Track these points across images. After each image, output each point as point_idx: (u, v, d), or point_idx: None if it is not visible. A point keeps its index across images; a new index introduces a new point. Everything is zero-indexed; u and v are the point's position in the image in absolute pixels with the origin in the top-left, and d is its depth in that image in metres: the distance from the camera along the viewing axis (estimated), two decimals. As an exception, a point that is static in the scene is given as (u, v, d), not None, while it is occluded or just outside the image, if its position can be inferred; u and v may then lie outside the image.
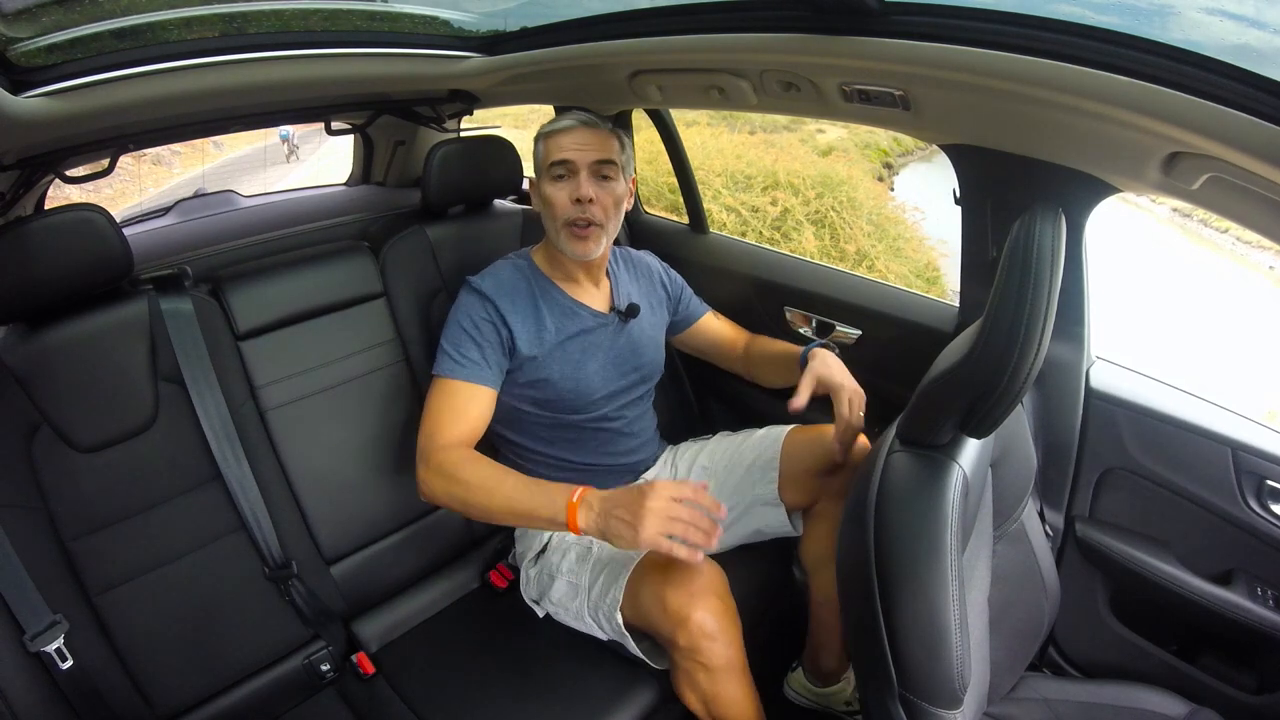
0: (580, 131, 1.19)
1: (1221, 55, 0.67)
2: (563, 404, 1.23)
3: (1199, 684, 1.09)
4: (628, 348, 1.30)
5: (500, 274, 1.24)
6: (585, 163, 1.18)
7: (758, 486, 1.25)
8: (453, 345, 1.17)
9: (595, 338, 1.26)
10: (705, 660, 1.00)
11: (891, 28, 0.84)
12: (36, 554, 0.97)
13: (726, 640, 1.00)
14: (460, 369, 1.14)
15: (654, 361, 1.35)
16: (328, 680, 1.21)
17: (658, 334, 1.38)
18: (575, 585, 1.14)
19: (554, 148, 1.19)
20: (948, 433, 0.79)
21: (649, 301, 1.37)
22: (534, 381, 1.21)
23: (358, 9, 1.23)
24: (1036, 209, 0.69)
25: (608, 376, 1.26)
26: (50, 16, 0.91)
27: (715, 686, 1.02)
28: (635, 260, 1.44)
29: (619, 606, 1.06)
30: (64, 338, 1.04)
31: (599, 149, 1.19)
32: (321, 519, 1.24)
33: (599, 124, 1.21)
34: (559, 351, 1.22)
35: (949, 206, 1.18)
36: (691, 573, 1.01)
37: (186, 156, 9.34)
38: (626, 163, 1.24)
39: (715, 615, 0.99)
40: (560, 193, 1.18)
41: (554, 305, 1.24)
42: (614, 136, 1.22)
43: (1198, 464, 1.08)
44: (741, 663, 1.03)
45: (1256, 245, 6.98)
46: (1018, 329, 0.66)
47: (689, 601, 0.99)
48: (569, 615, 1.17)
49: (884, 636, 0.73)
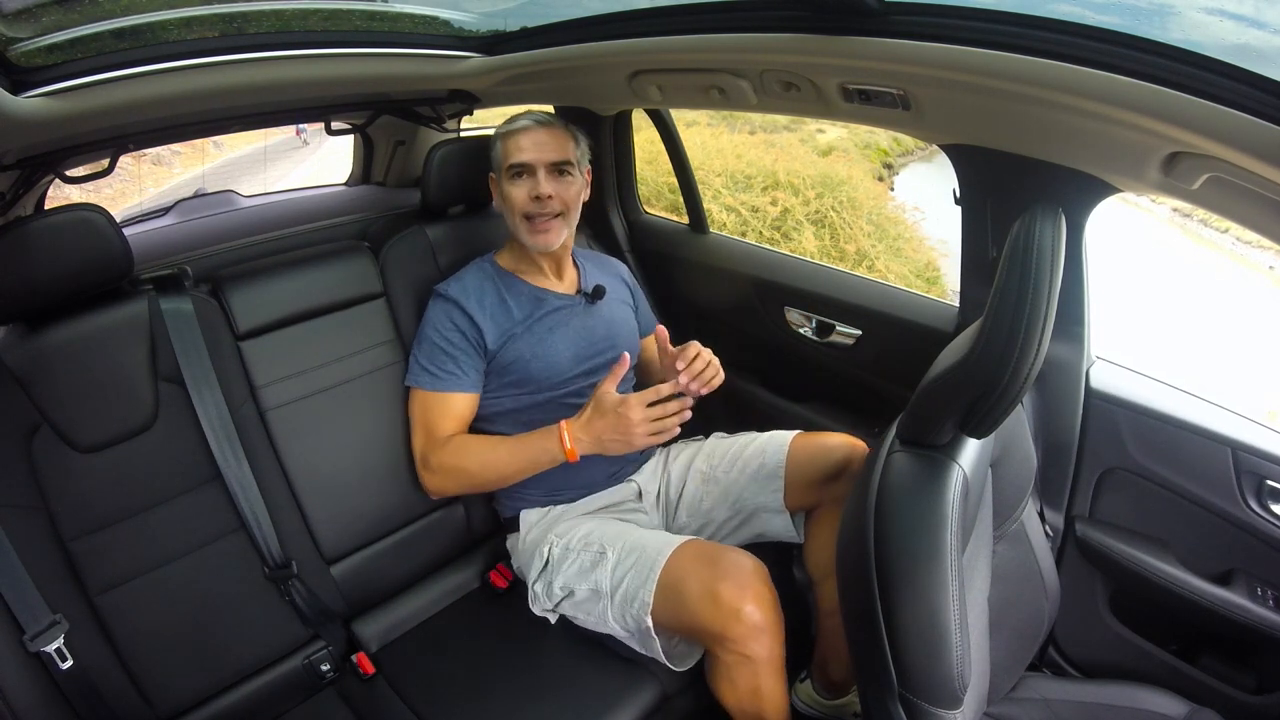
0: (536, 132, 1.24)
1: (1221, 55, 0.67)
2: (533, 382, 1.25)
3: (1199, 684, 1.09)
4: (599, 327, 1.33)
5: (465, 278, 1.29)
6: (543, 163, 1.23)
7: (763, 495, 1.24)
8: (428, 359, 1.22)
9: (561, 316, 1.30)
10: (752, 653, 0.99)
11: (891, 27, 0.84)
12: (36, 554, 0.97)
13: (773, 633, 1.00)
14: (439, 382, 1.21)
15: (629, 344, 1.36)
16: (328, 680, 1.21)
17: (629, 319, 1.41)
18: (596, 591, 1.12)
19: (512, 149, 1.24)
20: (948, 433, 0.79)
21: (618, 295, 1.40)
22: (506, 365, 1.24)
23: (358, 9, 1.23)
24: (1036, 209, 0.69)
25: (579, 354, 1.28)
26: (50, 16, 0.91)
27: (757, 680, 1.01)
28: (604, 261, 1.49)
29: (650, 610, 1.04)
30: (64, 338, 1.04)
31: (555, 149, 1.24)
32: (321, 519, 1.24)
33: (554, 123, 1.26)
34: (526, 333, 1.25)
35: (949, 206, 1.18)
36: (740, 564, 1.02)
37: (186, 156, 9.34)
38: (581, 158, 1.30)
39: (765, 607, 0.99)
40: (520, 191, 1.23)
41: (519, 295, 1.29)
42: (569, 135, 1.27)
43: (1198, 464, 1.08)
44: (783, 657, 1.03)
45: (1256, 245, 6.98)
46: (1018, 329, 0.66)
47: (742, 593, 0.98)
48: (591, 620, 1.15)
49: (884, 637, 0.73)
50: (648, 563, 1.07)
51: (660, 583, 1.04)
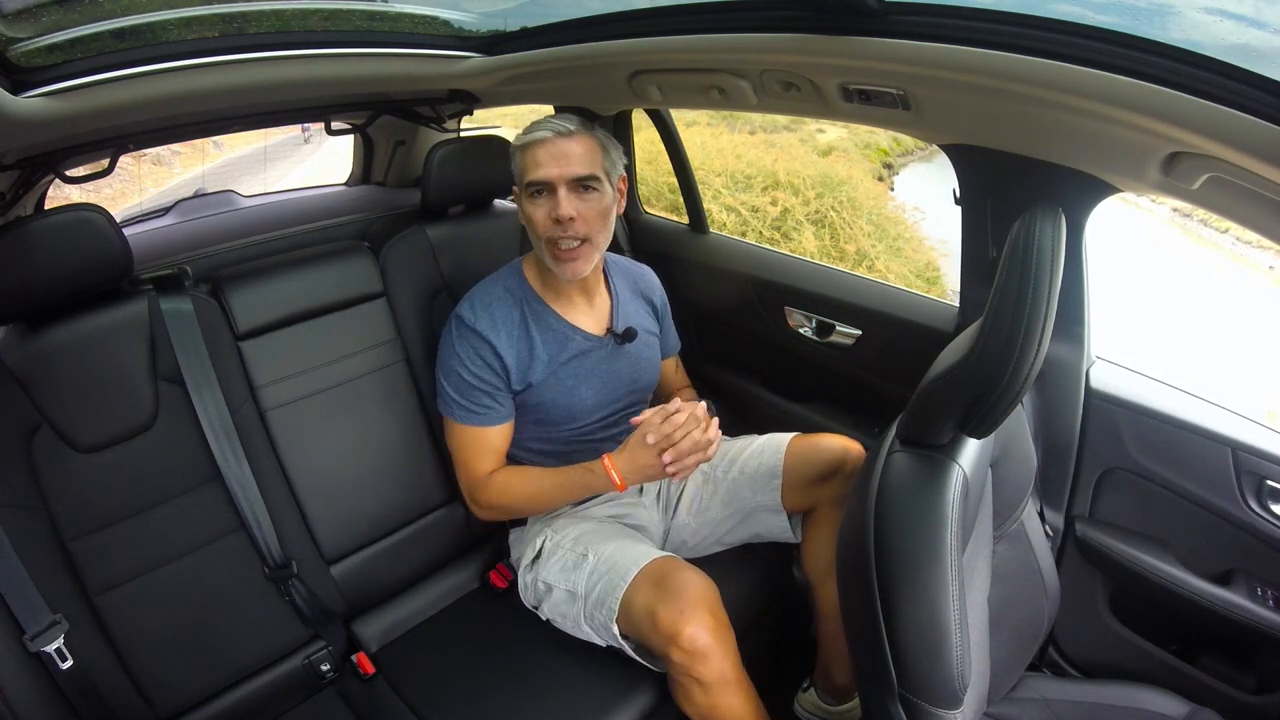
0: (554, 144, 1.10)
1: (1221, 55, 0.67)
2: (554, 424, 1.24)
3: (1199, 684, 1.09)
4: (625, 369, 1.27)
5: (491, 303, 1.19)
6: (563, 180, 1.09)
7: (760, 494, 1.24)
8: (460, 394, 1.18)
9: (589, 362, 1.23)
10: (699, 676, 0.99)
11: (891, 28, 0.84)
12: (36, 554, 0.97)
13: (720, 655, 0.99)
14: (477, 417, 1.19)
15: (651, 382, 1.34)
16: (328, 680, 1.21)
17: (655, 355, 1.35)
18: (572, 593, 1.14)
19: (530, 164, 1.11)
20: (948, 433, 0.79)
21: (646, 326, 1.33)
22: (528, 406, 1.22)
23: (358, 9, 1.23)
24: (1036, 209, 0.69)
25: (601, 400, 1.25)
26: (50, 16, 0.91)
27: (711, 699, 1.01)
28: (639, 279, 1.37)
29: (615, 617, 1.06)
30: (64, 338, 1.04)
31: (578, 163, 1.10)
32: (321, 519, 1.24)
33: (575, 130, 1.11)
34: (552, 378, 1.21)
35: (949, 206, 1.18)
36: (682, 588, 1.01)
37: (186, 156, 9.33)
38: (612, 166, 1.16)
39: (707, 630, 0.98)
40: (539, 211, 1.12)
41: (546, 330, 1.21)
42: (595, 143, 1.13)
43: (1198, 464, 1.08)
44: (737, 676, 1.02)
45: (1256, 245, 6.97)
46: (1018, 329, 0.66)
47: (679, 618, 0.98)
48: (566, 622, 1.17)
49: (884, 636, 0.73)
50: (619, 574, 1.08)
51: (624, 597, 1.05)
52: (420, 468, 1.35)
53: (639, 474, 1.09)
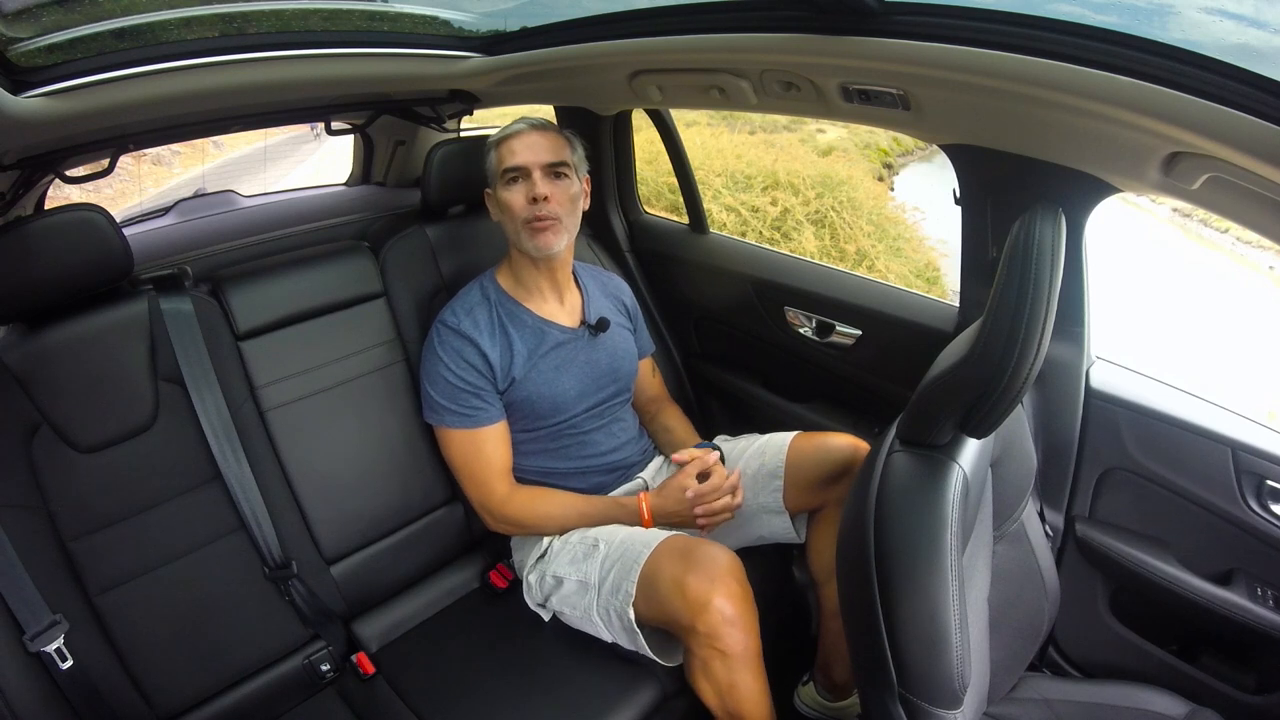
0: (528, 135, 1.21)
1: (1221, 55, 0.67)
2: (539, 418, 1.25)
3: (1199, 684, 1.09)
4: (603, 360, 1.31)
5: (471, 307, 1.25)
6: (538, 164, 1.20)
7: (762, 495, 1.24)
8: (448, 398, 1.21)
9: (566, 352, 1.27)
10: (724, 647, 0.99)
11: (891, 28, 0.84)
12: (36, 554, 0.97)
13: (745, 627, 1.00)
14: (468, 419, 1.20)
15: (631, 372, 1.36)
16: (328, 680, 1.21)
17: (631, 347, 1.39)
18: (584, 583, 1.14)
19: (506, 154, 1.21)
20: (948, 433, 0.79)
21: (619, 321, 1.38)
22: (512, 402, 1.24)
23: (358, 9, 1.23)
24: (1036, 209, 0.69)
25: (585, 390, 1.28)
26: (50, 16, 0.91)
27: (732, 675, 1.01)
28: (607, 281, 1.45)
29: (632, 601, 1.06)
30: (64, 338, 1.04)
31: (550, 151, 1.21)
32: (321, 519, 1.24)
33: (548, 126, 1.24)
34: (533, 371, 1.23)
35: (949, 206, 1.18)
36: (711, 558, 1.02)
37: (186, 156, 9.33)
38: (579, 163, 1.27)
39: (735, 601, 0.99)
40: (516, 195, 1.20)
41: (521, 327, 1.25)
42: (564, 138, 1.25)
43: (1198, 464, 1.08)
44: (758, 652, 1.03)
45: (1256, 245, 6.97)
46: (1018, 329, 0.66)
47: (710, 587, 0.99)
48: (576, 615, 1.16)
49: (884, 636, 0.73)
50: (633, 555, 1.09)
51: (641, 576, 1.06)
52: (420, 467, 1.35)
53: (669, 519, 1.20)
